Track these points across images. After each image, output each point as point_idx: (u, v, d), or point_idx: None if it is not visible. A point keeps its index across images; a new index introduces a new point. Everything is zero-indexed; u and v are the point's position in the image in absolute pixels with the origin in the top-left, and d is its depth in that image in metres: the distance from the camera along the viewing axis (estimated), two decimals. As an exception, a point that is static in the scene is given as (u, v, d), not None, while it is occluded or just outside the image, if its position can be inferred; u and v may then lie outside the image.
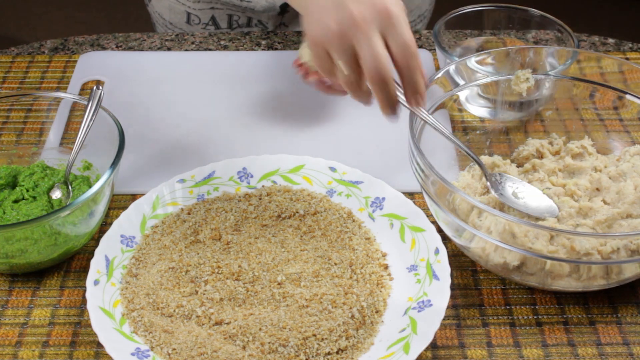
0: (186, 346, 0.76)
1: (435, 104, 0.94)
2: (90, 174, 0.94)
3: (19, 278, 0.87)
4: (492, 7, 1.13)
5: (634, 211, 0.85)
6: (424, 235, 0.86)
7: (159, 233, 0.88)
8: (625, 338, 0.81)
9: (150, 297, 0.81)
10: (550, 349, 0.80)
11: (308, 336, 0.77)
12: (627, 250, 0.79)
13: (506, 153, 0.98)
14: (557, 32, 1.10)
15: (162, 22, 1.38)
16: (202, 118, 1.08)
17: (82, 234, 0.86)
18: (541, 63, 1.02)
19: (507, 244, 0.79)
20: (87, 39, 1.26)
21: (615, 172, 0.90)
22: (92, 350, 0.80)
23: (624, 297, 0.85)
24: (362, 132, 1.06)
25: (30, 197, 0.89)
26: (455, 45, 1.15)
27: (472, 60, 0.98)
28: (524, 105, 1.01)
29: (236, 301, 0.81)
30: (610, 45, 1.24)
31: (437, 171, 0.80)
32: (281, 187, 0.94)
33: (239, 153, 0.97)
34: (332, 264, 0.85)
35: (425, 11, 1.40)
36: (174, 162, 1.01)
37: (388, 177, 0.94)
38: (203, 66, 1.18)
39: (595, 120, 0.99)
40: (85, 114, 0.90)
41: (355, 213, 0.91)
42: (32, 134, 1.04)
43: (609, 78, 0.98)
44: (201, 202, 0.92)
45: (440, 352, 0.80)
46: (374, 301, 0.81)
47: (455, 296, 0.85)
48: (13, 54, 1.22)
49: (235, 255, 0.86)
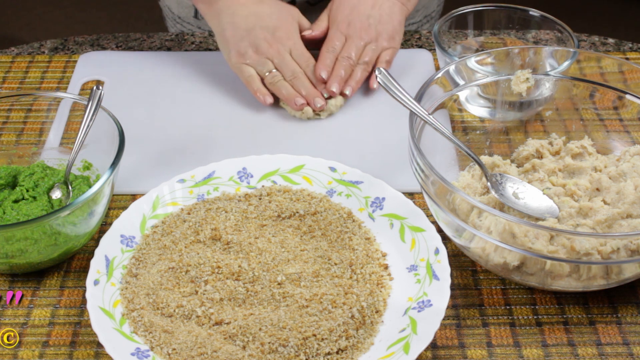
0: (186, 346, 0.76)
1: (435, 104, 0.94)
2: (90, 174, 0.94)
3: (19, 278, 0.87)
4: (492, 7, 1.13)
5: (634, 211, 0.85)
6: (424, 235, 0.86)
7: (159, 233, 0.88)
8: (625, 338, 0.81)
9: (150, 297, 0.81)
10: (550, 349, 0.80)
11: (308, 336, 0.77)
12: (627, 250, 0.79)
13: (506, 153, 0.98)
14: (557, 32, 1.10)
15: (171, 16, 1.38)
16: (202, 118, 1.08)
17: (82, 234, 0.86)
18: (541, 63, 1.02)
19: (507, 244, 0.79)
20: (87, 39, 1.26)
21: (615, 172, 0.90)
22: (92, 350, 0.80)
23: (624, 297, 0.85)
24: (362, 132, 1.06)
25: (30, 197, 0.89)
26: (455, 45, 1.15)
27: (472, 60, 0.98)
28: (524, 105, 1.01)
29: (236, 301, 0.81)
30: (610, 45, 1.24)
31: (437, 171, 0.80)
32: (281, 187, 0.94)
33: (239, 153, 0.97)
34: (332, 264, 0.85)
35: (433, 12, 1.39)
36: (174, 162, 1.01)
37: (388, 177, 0.94)
38: (203, 66, 1.18)
39: (595, 120, 0.99)
40: (85, 114, 0.90)
41: (355, 213, 0.91)
42: (32, 134, 1.04)
43: (609, 78, 0.98)
44: (201, 202, 0.92)
45: (440, 352, 0.80)
46: (374, 301, 0.81)
47: (455, 296, 0.85)
48: (13, 54, 1.22)
49: (235, 255, 0.86)
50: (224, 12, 1.09)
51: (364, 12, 1.11)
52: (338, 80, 1.07)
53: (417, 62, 1.18)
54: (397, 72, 1.13)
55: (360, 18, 1.10)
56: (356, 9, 1.11)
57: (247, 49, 1.08)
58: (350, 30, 1.10)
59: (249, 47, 1.07)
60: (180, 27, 1.38)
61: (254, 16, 1.09)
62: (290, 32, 1.09)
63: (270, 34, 1.08)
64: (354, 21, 1.10)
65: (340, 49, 1.10)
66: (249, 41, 1.07)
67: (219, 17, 1.10)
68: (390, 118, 1.08)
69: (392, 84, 0.89)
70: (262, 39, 1.07)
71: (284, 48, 1.08)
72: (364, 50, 1.09)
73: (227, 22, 1.09)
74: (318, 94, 1.06)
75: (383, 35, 1.10)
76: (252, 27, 1.08)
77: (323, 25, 1.13)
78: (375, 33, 1.10)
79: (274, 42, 1.08)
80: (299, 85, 1.07)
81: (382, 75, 0.90)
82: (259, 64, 1.07)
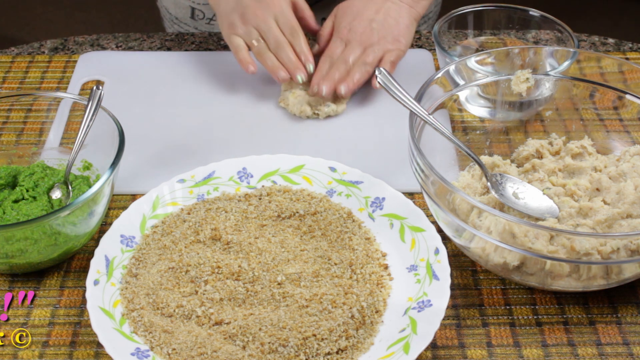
0: (186, 346, 0.76)
1: (435, 104, 0.94)
2: (90, 174, 0.94)
3: (19, 278, 0.87)
4: (492, 7, 1.13)
5: (634, 211, 0.85)
6: (423, 235, 0.86)
7: (159, 233, 0.88)
8: (625, 338, 0.81)
9: (150, 297, 0.81)
10: (550, 349, 0.80)
11: (308, 336, 0.77)
12: (627, 250, 0.79)
13: (506, 153, 0.98)
14: (557, 32, 1.10)
15: (168, 17, 1.38)
16: (202, 118, 1.08)
17: (82, 234, 0.86)
18: (541, 63, 1.02)
19: (507, 244, 0.79)
20: (87, 39, 1.26)
21: (615, 172, 0.90)
22: (92, 350, 0.80)
23: (624, 297, 0.85)
24: (362, 132, 1.06)
25: (30, 197, 0.89)
26: (455, 45, 1.15)
27: (472, 60, 0.98)
28: (524, 105, 1.01)
29: (236, 301, 0.81)
30: (610, 45, 1.24)
31: (437, 171, 0.80)
32: (281, 187, 0.94)
33: (239, 153, 0.97)
34: (332, 264, 0.85)
35: (430, 12, 1.39)
36: (174, 162, 1.01)
37: (388, 177, 0.94)
38: (203, 66, 1.18)
39: (595, 120, 0.99)
40: (85, 114, 0.90)
41: (355, 213, 0.91)
42: (32, 134, 1.04)
43: (609, 78, 0.98)
44: (201, 202, 0.92)
45: (440, 352, 0.80)
46: (374, 301, 0.81)
47: (455, 296, 0.85)
48: (13, 54, 1.22)
49: (235, 255, 0.86)
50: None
51: (367, 17, 1.10)
52: (330, 81, 1.05)
53: (417, 62, 1.18)
54: (397, 72, 1.12)
55: (362, 23, 1.09)
56: (359, 15, 1.10)
57: (236, 19, 1.07)
58: (351, 35, 1.09)
59: (238, 17, 1.07)
60: (178, 28, 1.38)
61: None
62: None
63: (257, 1, 1.06)
64: (355, 27, 1.09)
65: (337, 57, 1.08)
66: (238, 11, 1.07)
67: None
68: (390, 118, 1.08)
69: (392, 84, 0.89)
70: (247, 5, 1.06)
71: (269, 14, 1.06)
72: (364, 52, 1.07)
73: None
74: (300, 67, 1.05)
75: (387, 38, 1.08)
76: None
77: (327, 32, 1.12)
78: (378, 36, 1.08)
79: (259, 8, 1.06)
80: (282, 56, 1.05)
81: (382, 75, 0.90)
82: (245, 34, 1.07)
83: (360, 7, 1.11)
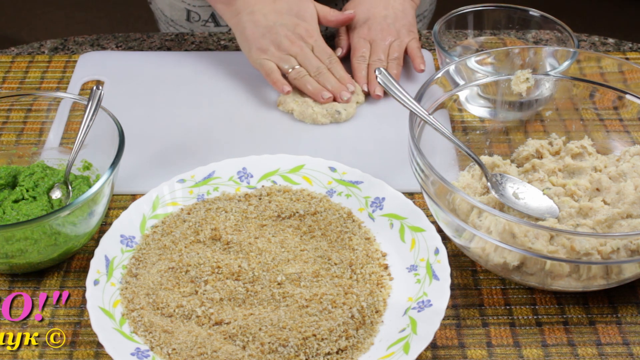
0: (186, 346, 0.76)
1: (435, 104, 0.94)
2: (90, 174, 0.94)
3: (19, 278, 0.87)
4: (492, 7, 1.13)
5: (634, 211, 0.85)
6: (423, 235, 0.86)
7: (159, 233, 0.88)
8: (625, 338, 0.81)
9: (150, 297, 0.81)
10: (550, 349, 0.80)
11: (308, 336, 0.77)
12: (627, 250, 0.79)
13: (506, 153, 0.98)
14: (557, 32, 1.10)
15: (163, 19, 1.38)
16: (202, 118, 1.08)
17: (82, 234, 0.86)
18: (541, 63, 1.02)
19: (507, 244, 0.79)
20: (87, 39, 1.26)
21: (615, 172, 0.90)
22: (92, 350, 0.80)
23: (624, 297, 0.85)
24: (362, 132, 1.06)
25: (30, 197, 0.89)
26: (455, 45, 1.15)
27: (472, 60, 0.98)
28: (524, 105, 1.01)
29: (236, 301, 0.81)
30: (610, 45, 1.24)
31: (437, 171, 0.80)
32: (281, 187, 0.94)
33: (239, 153, 0.97)
34: (332, 264, 0.85)
35: (425, 11, 1.40)
36: (174, 162, 1.01)
37: (388, 177, 0.94)
38: (203, 66, 1.18)
39: (595, 120, 0.99)
40: (85, 114, 0.90)
41: (355, 213, 0.91)
42: (32, 134, 1.04)
43: (609, 78, 0.98)
44: (201, 202, 0.92)
45: (440, 352, 0.80)
46: (374, 301, 0.81)
47: (455, 296, 0.85)
48: (13, 54, 1.22)
49: (235, 255, 0.86)
50: (243, 11, 1.12)
51: (379, 14, 1.16)
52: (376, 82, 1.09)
53: (417, 62, 1.18)
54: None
55: (378, 20, 1.15)
56: (372, 13, 1.16)
57: (269, 46, 1.10)
58: (372, 34, 1.15)
59: (271, 44, 1.10)
60: (173, 30, 1.38)
61: (273, 13, 1.11)
62: (310, 28, 1.13)
63: (291, 31, 1.11)
64: (372, 25, 1.15)
65: (369, 56, 1.14)
66: (270, 39, 1.10)
67: (238, 16, 1.13)
68: (390, 118, 1.08)
69: (392, 84, 0.89)
70: (283, 36, 1.10)
71: (306, 45, 1.11)
72: (390, 48, 1.14)
73: (247, 20, 1.12)
74: (344, 88, 1.09)
75: (402, 31, 1.15)
76: (273, 25, 1.11)
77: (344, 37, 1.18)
78: (395, 30, 1.15)
79: (296, 39, 1.11)
80: (324, 81, 1.10)
81: (382, 75, 0.90)
82: (281, 61, 1.10)
83: (368, 5, 1.17)
